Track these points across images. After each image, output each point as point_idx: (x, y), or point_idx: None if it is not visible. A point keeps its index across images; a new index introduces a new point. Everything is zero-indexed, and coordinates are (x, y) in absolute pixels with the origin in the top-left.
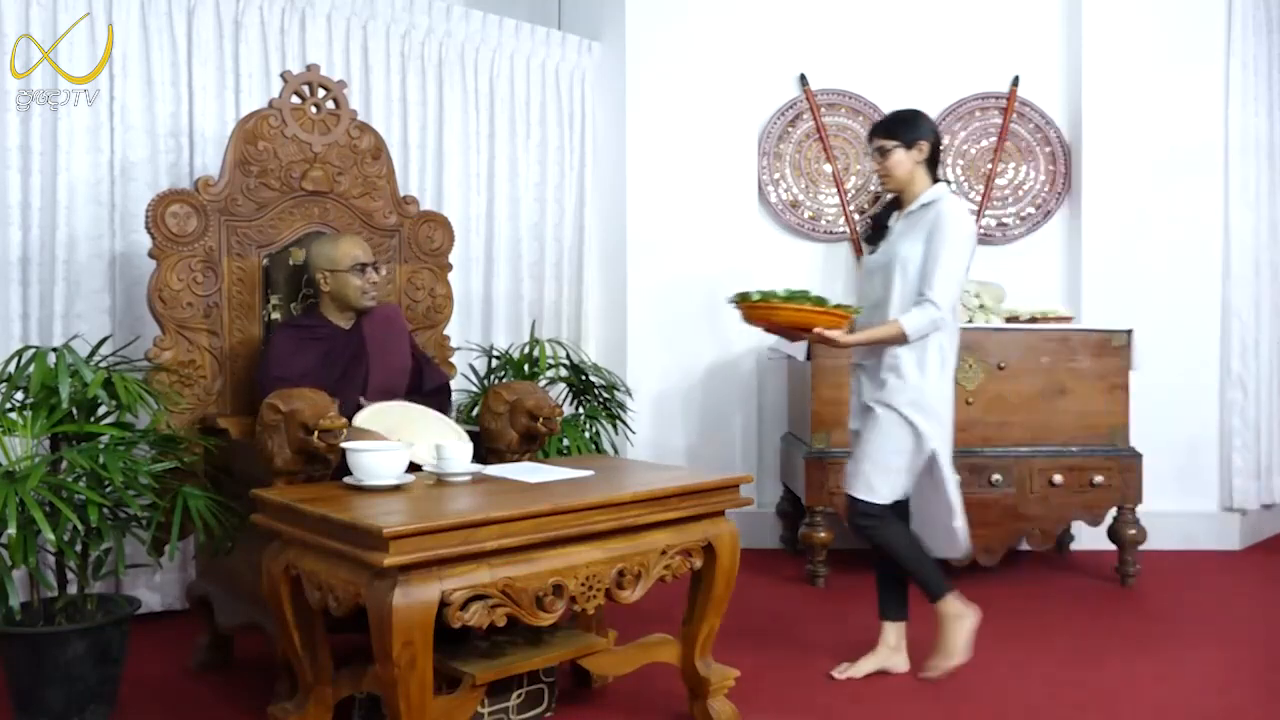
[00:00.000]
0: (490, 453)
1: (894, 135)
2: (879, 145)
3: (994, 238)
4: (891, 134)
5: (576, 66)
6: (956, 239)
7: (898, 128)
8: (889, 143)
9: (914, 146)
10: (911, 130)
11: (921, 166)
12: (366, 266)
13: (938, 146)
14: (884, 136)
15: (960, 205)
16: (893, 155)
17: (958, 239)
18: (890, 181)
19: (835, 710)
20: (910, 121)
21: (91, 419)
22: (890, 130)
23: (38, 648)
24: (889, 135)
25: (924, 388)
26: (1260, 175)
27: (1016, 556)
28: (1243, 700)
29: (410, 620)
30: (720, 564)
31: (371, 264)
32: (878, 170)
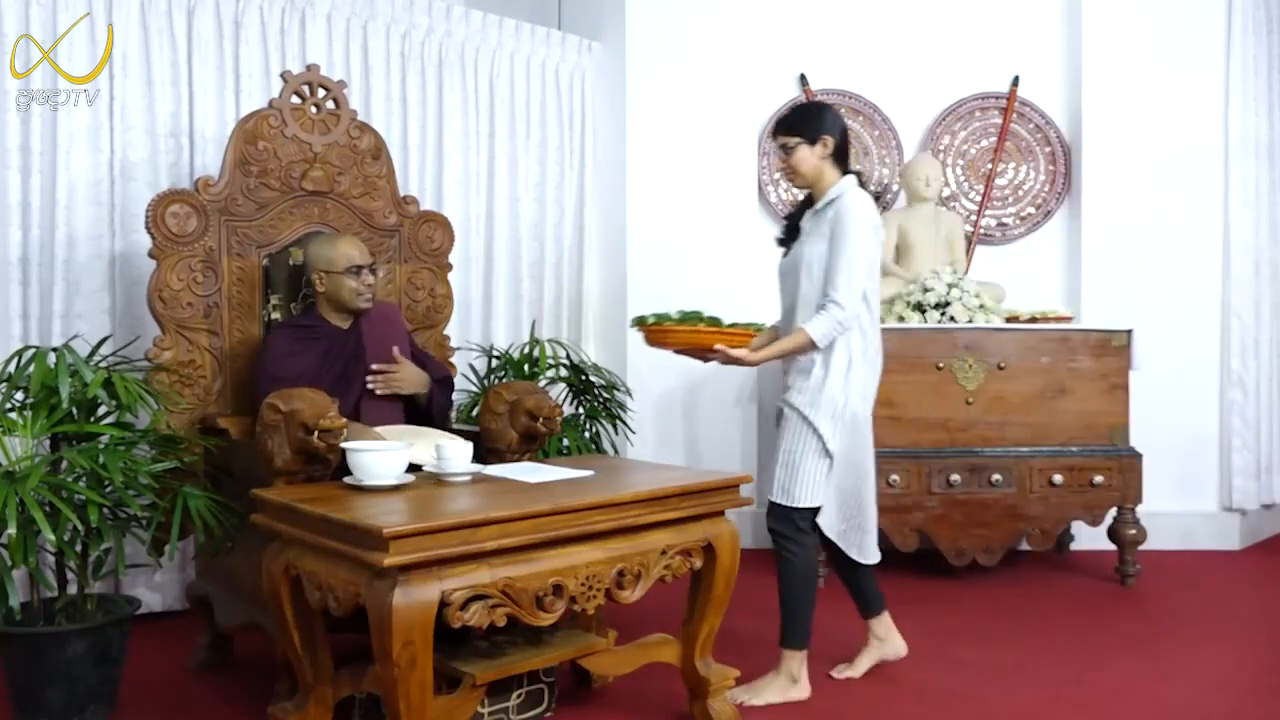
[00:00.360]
0: (490, 453)
1: (796, 131)
2: (781, 142)
3: (994, 238)
4: (793, 130)
5: (576, 66)
6: (856, 234)
7: (800, 123)
8: (791, 139)
9: (818, 142)
10: (814, 125)
11: (828, 162)
12: (362, 269)
13: (845, 140)
14: (786, 133)
15: (861, 198)
16: (796, 152)
17: (857, 233)
18: (796, 179)
19: (835, 710)
20: (813, 116)
21: (91, 419)
22: (792, 126)
23: (38, 648)
24: (791, 131)
25: (826, 388)
26: (1260, 175)
27: (1016, 556)
28: (1243, 700)
29: (410, 620)
30: (720, 564)
31: (368, 266)
32: (782, 168)
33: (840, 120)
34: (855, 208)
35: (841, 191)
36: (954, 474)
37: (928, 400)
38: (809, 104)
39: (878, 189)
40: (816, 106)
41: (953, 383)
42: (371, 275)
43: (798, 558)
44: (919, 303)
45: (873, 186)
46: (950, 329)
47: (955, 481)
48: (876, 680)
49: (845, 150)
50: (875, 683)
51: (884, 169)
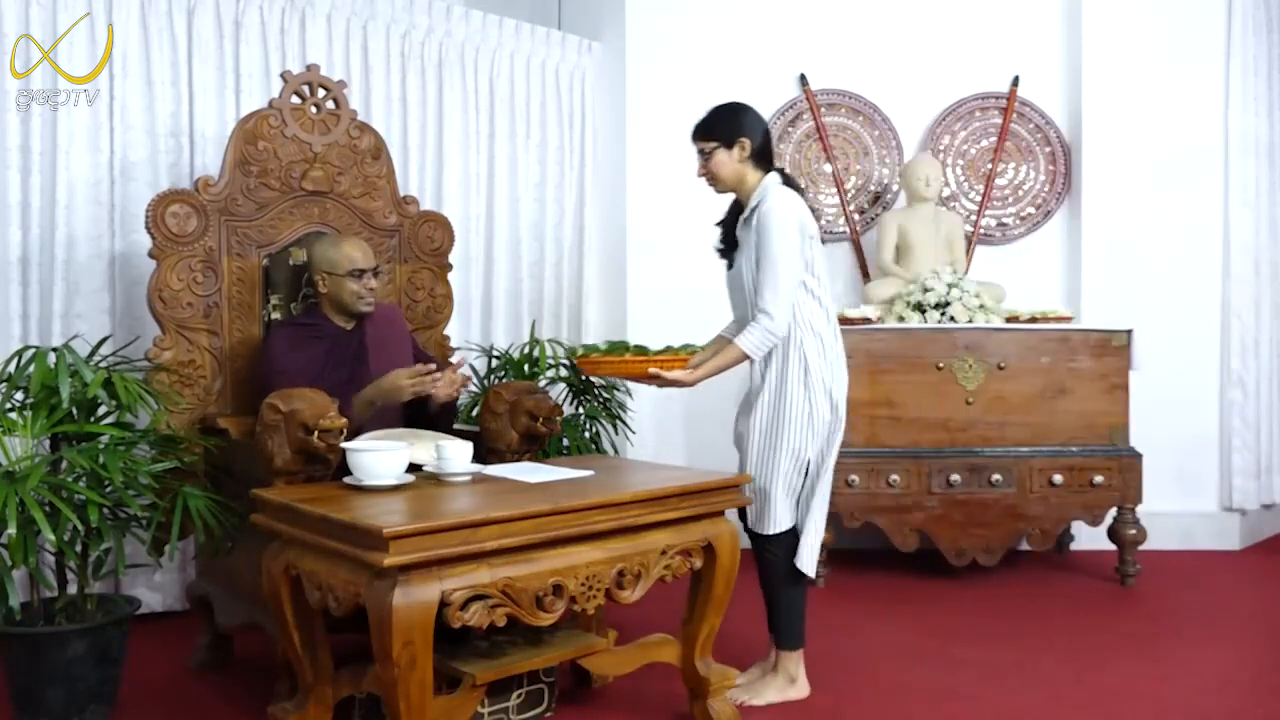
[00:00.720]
0: (490, 453)
1: (711, 135)
2: (699, 148)
3: (994, 238)
4: (709, 134)
5: (576, 66)
6: (779, 239)
7: (715, 126)
8: (708, 144)
9: (735, 145)
10: (730, 127)
11: (748, 164)
12: (365, 273)
13: (766, 139)
14: (702, 138)
15: (782, 199)
16: (714, 157)
17: (780, 239)
18: (717, 185)
19: (835, 710)
20: (729, 117)
21: (91, 419)
22: (708, 130)
23: (38, 648)
24: (707, 136)
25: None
26: (1260, 175)
27: (1016, 556)
28: (1243, 700)
29: (410, 620)
30: (720, 564)
31: (371, 270)
32: (702, 174)
33: (759, 120)
34: (776, 211)
35: (762, 196)
36: (954, 474)
37: (928, 400)
38: (725, 105)
39: (878, 189)
40: (732, 107)
41: (953, 383)
42: (374, 279)
43: (779, 557)
44: (919, 303)
45: (872, 186)
46: (950, 329)
47: (955, 481)
48: (876, 680)
49: (767, 150)
50: (875, 683)
51: (884, 169)
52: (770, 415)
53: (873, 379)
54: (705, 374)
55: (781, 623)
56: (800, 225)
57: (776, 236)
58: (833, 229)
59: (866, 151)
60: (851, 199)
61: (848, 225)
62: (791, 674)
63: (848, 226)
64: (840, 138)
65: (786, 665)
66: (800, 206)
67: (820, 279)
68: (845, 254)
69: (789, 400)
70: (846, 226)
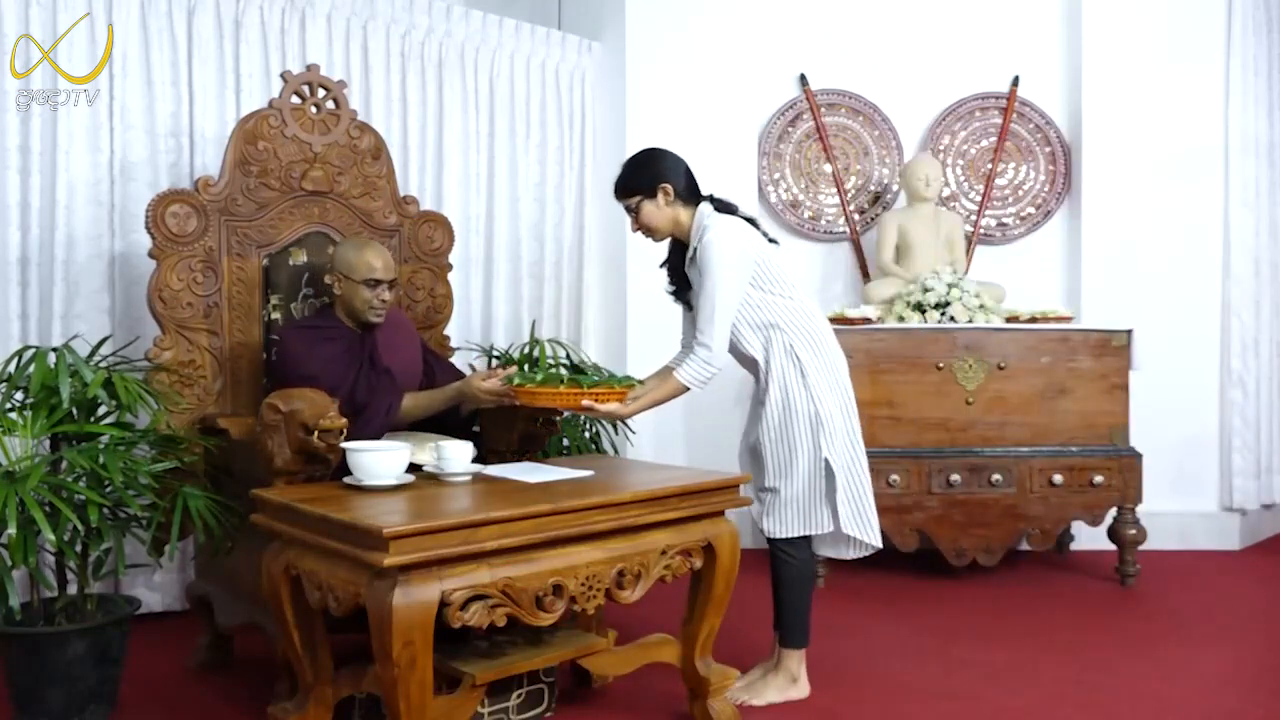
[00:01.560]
0: (490, 453)
1: (632, 190)
2: (624, 206)
3: (994, 238)
4: (629, 189)
5: (576, 66)
6: (718, 271)
7: (633, 180)
8: (631, 199)
9: (657, 192)
10: (648, 176)
11: (677, 205)
12: (380, 283)
13: (688, 176)
14: (624, 195)
15: (717, 229)
16: (642, 210)
17: (719, 270)
18: (655, 235)
19: (835, 710)
20: (644, 167)
21: (91, 419)
22: (627, 186)
23: (38, 648)
24: (628, 192)
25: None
26: (1260, 175)
27: (1016, 556)
28: (1243, 700)
29: (410, 620)
30: (720, 564)
31: (387, 282)
32: (636, 229)
33: (675, 160)
34: (714, 244)
35: (700, 231)
36: (954, 474)
37: (928, 400)
38: (637, 156)
39: (878, 189)
40: (644, 157)
41: (953, 383)
42: (388, 291)
43: (795, 559)
44: (919, 303)
45: (872, 186)
46: (950, 329)
47: (955, 481)
48: (876, 680)
49: (692, 185)
50: (875, 683)
51: (884, 169)
52: (780, 421)
53: (873, 379)
54: (642, 406)
55: (787, 620)
56: (739, 251)
57: (715, 267)
58: (833, 229)
59: (866, 151)
60: (851, 199)
61: (848, 225)
62: (794, 673)
63: (848, 226)
64: (840, 138)
65: (789, 664)
66: (738, 229)
67: (788, 282)
68: (845, 254)
69: (793, 403)
70: (846, 226)
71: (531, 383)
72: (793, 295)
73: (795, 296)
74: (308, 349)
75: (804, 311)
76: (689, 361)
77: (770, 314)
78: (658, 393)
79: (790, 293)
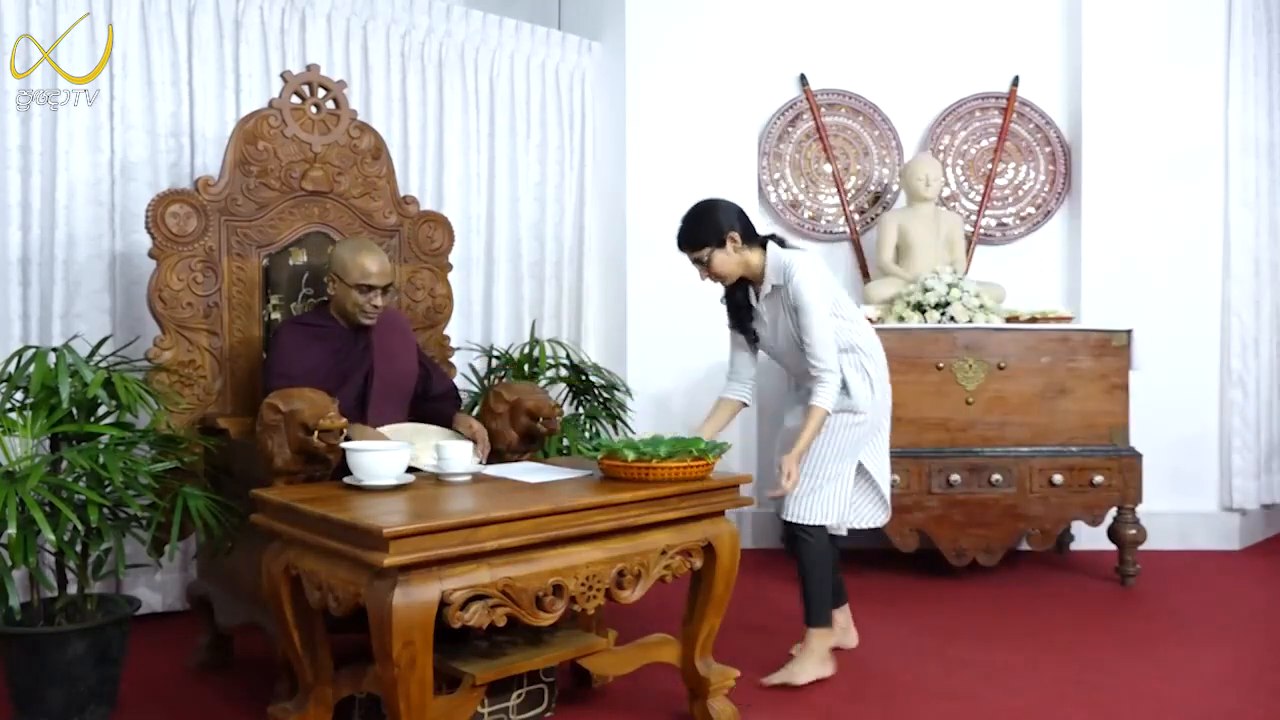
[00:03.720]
0: (490, 453)
1: (701, 243)
2: (694, 259)
3: (994, 238)
4: (698, 243)
5: (576, 66)
6: (814, 302)
7: (701, 234)
8: (702, 252)
9: (726, 241)
10: (712, 228)
11: (744, 249)
12: (373, 289)
13: (745, 219)
14: (693, 249)
15: (804, 265)
16: (714, 260)
17: (815, 301)
18: (727, 280)
19: (835, 709)
20: (707, 221)
21: (91, 419)
22: (694, 241)
23: (38, 648)
24: (697, 245)
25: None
26: (1260, 175)
27: (1016, 556)
28: (1243, 700)
29: (410, 620)
30: (720, 564)
31: (380, 288)
32: (705, 278)
33: (731, 206)
34: (806, 284)
35: (782, 273)
36: (954, 474)
37: (928, 400)
38: (697, 210)
39: (878, 189)
40: (704, 209)
41: (953, 383)
42: (381, 297)
43: (815, 538)
44: (919, 303)
45: (872, 186)
46: (950, 329)
47: (955, 481)
48: (876, 680)
49: (750, 227)
50: (875, 682)
51: (884, 169)
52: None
53: None
54: (802, 448)
55: (813, 602)
56: (824, 287)
57: (811, 304)
58: (833, 229)
59: (866, 151)
60: (851, 199)
61: (848, 225)
62: (823, 652)
63: (848, 226)
64: (840, 138)
65: (819, 643)
66: (817, 267)
67: (853, 306)
68: (845, 254)
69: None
70: (846, 226)
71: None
72: (858, 319)
73: (860, 320)
74: (296, 349)
75: (871, 333)
76: (821, 389)
77: (848, 338)
78: (810, 430)
79: (856, 316)
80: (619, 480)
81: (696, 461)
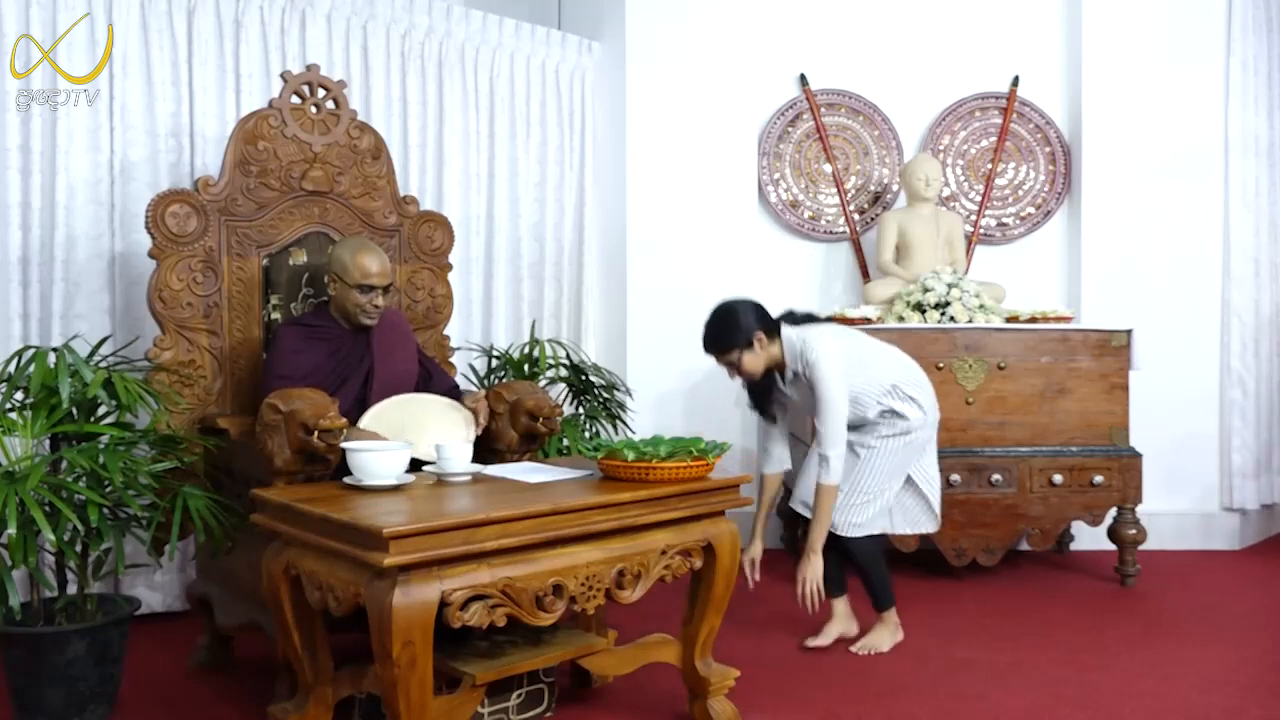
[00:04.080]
0: (490, 453)
1: (730, 346)
2: (725, 363)
3: (994, 238)
4: (727, 346)
5: (576, 66)
6: (830, 389)
7: (729, 338)
8: (732, 355)
9: (753, 342)
10: (741, 333)
11: (769, 343)
12: (374, 289)
13: (764, 315)
14: (723, 353)
15: (818, 349)
16: (744, 361)
17: (831, 384)
18: (758, 376)
19: (835, 709)
20: (732, 325)
21: (91, 419)
22: (723, 346)
23: (38, 648)
24: (726, 349)
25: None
26: (1260, 175)
27: (1016, 556)
28: (1243, 700)
29: (410, 620)
30: (720, 564)
31: (381, 288)
32: (739, 377)
33: (750, 305)
34: (818, 366)
35: (798, 356)
36: (954, 474)
37: None
38: (720, 315)
39: (878, 189)
40: (727, 315)
41: (953, 383)
42: (382, 296)
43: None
44: (919, 303)
45: (872, 186)
46: (950, 329)
47: (955, 481)
48: (876, 679)
49: (769, 320)
50: (875, 681)
51: (884, 169)
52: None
53: None
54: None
55: (877, 589)
56: (841, 365)
57: (827, 387)
58: (833, 229)
59: (866, 151)
60: (851, 199)
61: (848, 225)
62: (894, 623)
63: (848, 226)
64: (840, 138)
65: (890, 618)
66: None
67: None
68: (845, 254)
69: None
70: (846, 226)
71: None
72: (882, 359)
73: (885, 358)
74: (296, 350)
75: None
76: (827, 467)
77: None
78: (823, 511)
79: (879, 357)
80: (619, 480)
81: (696, 461)
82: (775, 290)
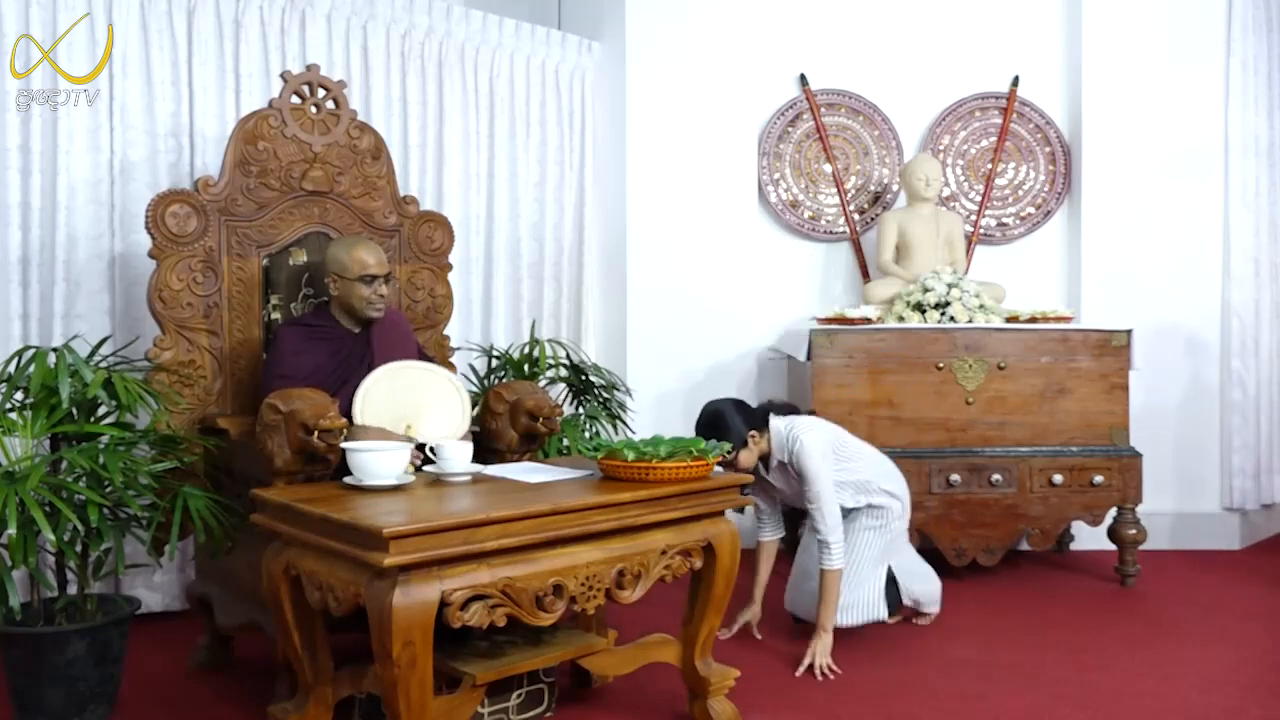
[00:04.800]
0: (490, 453)
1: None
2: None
3: (994, 238)
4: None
5: (576, 66)
6: (817, 474)
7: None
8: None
9: (747, 440)
10: (733, 434)
11: (760, 438)
12: (376, 278)
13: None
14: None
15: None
16: (740, 458)
17: (818, 472)
18: (750, 470)
19: (835, 709)
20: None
21: (91, 419)
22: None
23: (38, 648)
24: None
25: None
26: (1260, 175)
27: (1016, 556)
28: (1243, 700)
29: (410, 620)
30: (720, 564)
31: (382, 276)
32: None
33: (737, 405)
34: (804, 454)
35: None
36: (954, 474)
37: (928, 400)
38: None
39: (878, 189)
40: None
41: (953, 383)
42: (385, 285)
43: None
44: (919, 303)
45: (872, 186)
46: (950, 329)
47: (955, 481)
48: (876, 679)
49: (755, 417)
50: (875, 682)
51: (884, 169)
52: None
53: (873, 379)
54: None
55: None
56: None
57: (814, 475)
58: (832, 229)
59: (866, 151)
60: (851, 199)
61: (848, 225)
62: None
63: (848, 226)
64: (840, 138)
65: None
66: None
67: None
68: (845, 254)
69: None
70: (846, 226)
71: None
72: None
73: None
74: (296, 350)
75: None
76: (829, 553)
77: (861, 476)
78: (830, 594)
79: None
80: (619, 480)
81: (696, 462)
82: (775, 290)
